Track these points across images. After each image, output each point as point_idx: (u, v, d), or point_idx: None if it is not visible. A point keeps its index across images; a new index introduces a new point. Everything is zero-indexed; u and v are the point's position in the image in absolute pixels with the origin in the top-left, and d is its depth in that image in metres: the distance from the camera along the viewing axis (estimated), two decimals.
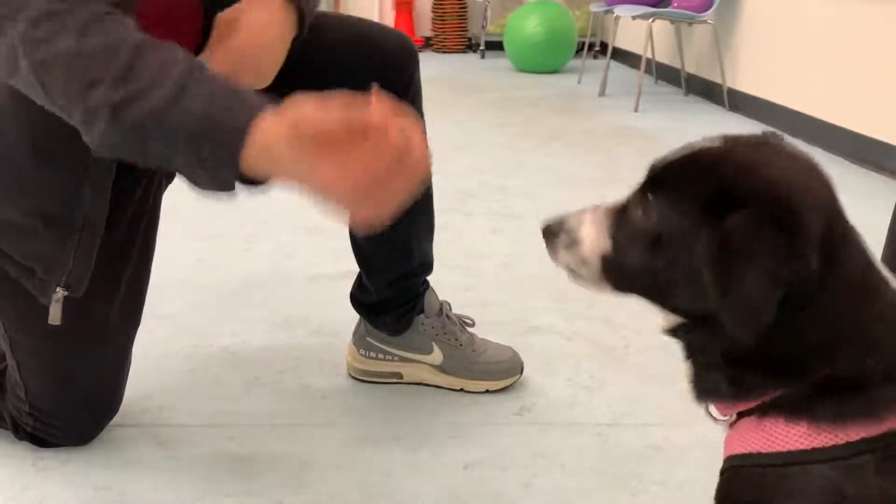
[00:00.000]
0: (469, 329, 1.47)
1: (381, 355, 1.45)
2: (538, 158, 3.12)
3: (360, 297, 1.44)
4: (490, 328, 1.52)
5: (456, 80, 5.02)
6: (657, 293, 0.67)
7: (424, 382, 1.44)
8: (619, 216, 0.69)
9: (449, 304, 1.48)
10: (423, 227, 1.38)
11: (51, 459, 1.22)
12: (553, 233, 0.72)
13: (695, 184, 0.63)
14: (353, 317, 1.48)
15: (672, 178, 0.65)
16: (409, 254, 1.36)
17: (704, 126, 3.76)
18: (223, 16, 1.04)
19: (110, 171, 1.07)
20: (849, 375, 0.61)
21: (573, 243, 0.70)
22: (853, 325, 0.61)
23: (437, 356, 1.43)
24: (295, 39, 1.08)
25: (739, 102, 4.03)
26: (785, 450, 0.61)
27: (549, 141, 3.42)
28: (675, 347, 1.56)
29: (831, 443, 0.60)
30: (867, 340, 0.61)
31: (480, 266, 2.03)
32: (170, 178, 1.29)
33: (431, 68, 5.78)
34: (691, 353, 0.69)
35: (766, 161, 0.63)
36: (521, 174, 2.89)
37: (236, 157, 0.78)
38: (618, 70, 5.09)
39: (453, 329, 1.44)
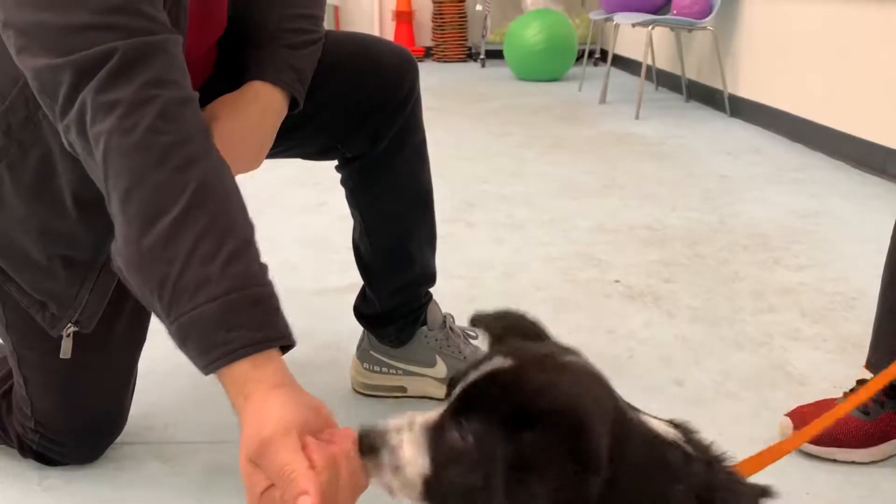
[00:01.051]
0: (472, 342, 1.47)
1: (385, 369, 1.45)
2: (540, 167, 3.13)
3: (363, 310, 1.44)
4: None
5: (457, 90, 5.04)
6: None
7: (429, 396, 1.44)
8: (436, 436, 0.71)
9: (452, 317, 1.48)
10: (424, 237, 1.38)
11: (56, 478, 1.22)
12: (373, 448, 0.72)
13: (497, 404, 0.67)
14: (357, 331, 1.48)
15: (477, 401, 0.69)
16: (410, 262, 1.37)
17: (706, 132, 3.76)
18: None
19: None
20: None
21: (396, 466, 0.71)
22: (649, 498, 0.66)
23: (440, 369, 1.43)
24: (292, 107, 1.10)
25: (740, 108, 4.04)
26: None
27: (551, 149, 3.42)
28: (679, 357, 1.54)
29: None
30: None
31: (483, 276, 2.03)
32: None
33: (432, 78, 5.81)
34: None
35: (553, 378, 0.68)
36: (523, 182, 2.90)
37: (210, 371, 0.78)
38: (618, 77, 5.11)
39: (457, 342, 1.45)
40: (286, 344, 0.80)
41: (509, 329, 0.77)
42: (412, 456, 0.71)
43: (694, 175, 2.98)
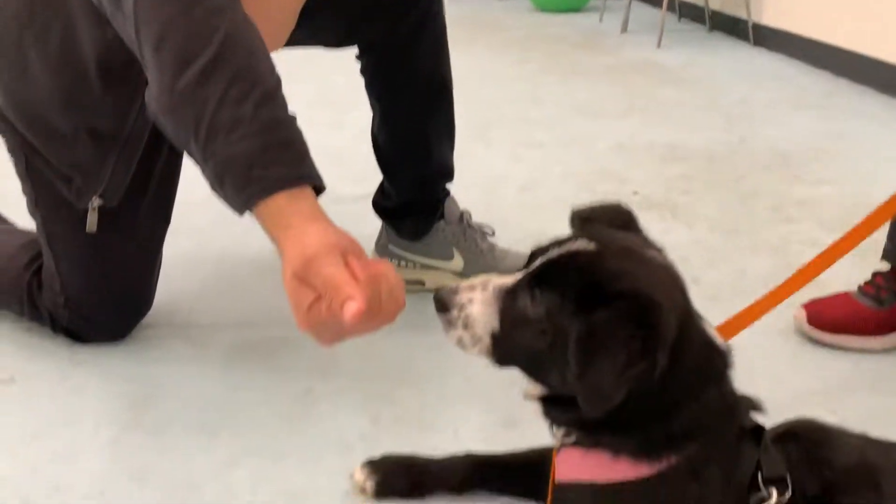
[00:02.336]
0: (489, 238, 1.49)
1: (403, 263, 1.48)
2: (559, 92, 3.10)
3: (381, 203, 1.46)
4: (511, 245, 1.53)
5: (476, 20, 4.95)
6: (535, 370, 0.78)
7: None
8: (508, 300, 0.77)
9: (469, 213, 1.50)
10: (443, 130, 1.39)
11: (87, 353, 1.26)
12: (446, 307, 0.78)
13: (574, 281, 0.72)
14: (375, 232, 1.50)
15: (555, 276, 0.74)
16: (429, 156, 1.38)
17: (729, 60, 3.70)
18: None
19: None
20: (678, 433, 0.74)
21: (467, 322, 0.77)
22: (690, 403, 0.73)
23: (458, 262, 1.46)
24: None
25: (764, 36, 3.95)
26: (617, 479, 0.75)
27: (571, 75, 3.38)
28: (695, 259, 1.54)
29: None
30: (700, 416, 0.74)
31: (500, 189, 2.04)
32: None
33: (452, 8, 5.67)
34: (548, 413, 0.80)
35: (632, 265, 0.73)
36: (542, 106, 2.87)
37: (247, 207, 0.81)
38: (640, 9, 5.00)
39: (474, 236, 1.46)
40: (318, 185, 0.82)
41: (598, 215, 0.82)
42: (482, 314, 0.77)
43: (715, 100, 2.94)
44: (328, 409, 1.15)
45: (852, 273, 1.42)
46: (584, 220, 0.83)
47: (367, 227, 1.50)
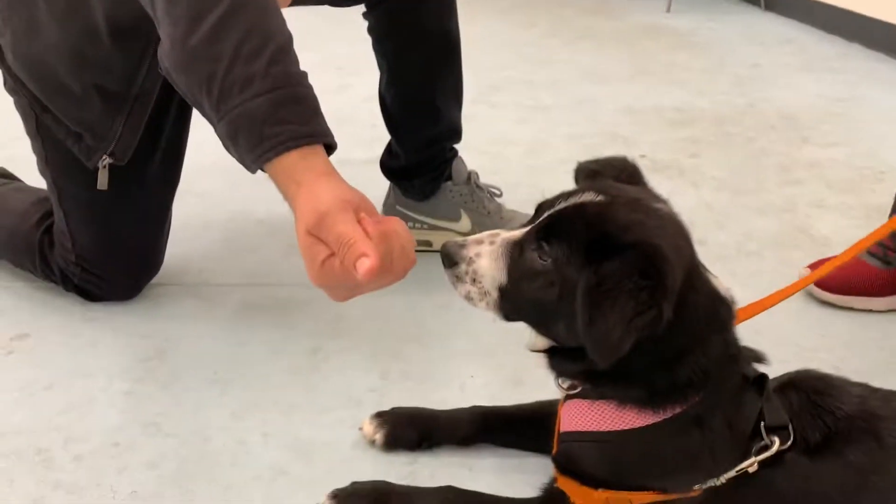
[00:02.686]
0: (497, 199, 1.49)
1: (410, 223, 1.48)
2: (566, 55, 3.07)
3: (389, 163, 1.46)
4: (518, 207, 1.54)
5: None
6: (542, 322, 0.79)
7: None
8: (516, 253, 0.77)
9: (477, 174, 1.50)
10: (450, 89, 1.39)
11: (99, 311, 1.28)
12: (453, 261, 0.79)
13: (582, 233, 0.73)
14: (382, 194, 1.51)
15: (564, 228, 0.74)
16: (436, 116, 1.37)
17: (739, 24, 3.65)
18: None
19: None
20: (682, 382, 0.75)
21: (475, 275, 0.77)
22: (695, 352, 0.74)
23: (465, 223, 1.46)
24: None
25: (776, 1, 3.90)
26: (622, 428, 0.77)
27: (578, 39, 3.35)
28: (702, 220, 1.53)
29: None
30: (704, 365, 0.74)
31: (507, 152, 2.03)
32: None
33: None
34: (554, 366, 0.81)
35: (640, 217, 0.73)
36: (548, 70, 2.85)
37: (260, 164, 0.80)
38: None
39: (481, 197, 1.47)
40: (330, 143, 0.83)
41: (605, 168, 0.83)
42: (490, 268, 0.77)
43: (725, 64, 2.91)
44: (337, 365, 1.16)
45: (858, 235, 1.42)
46: (590, 173, 0.83)
47: (375, 189, 1.50)
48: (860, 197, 1.74)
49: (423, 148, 1.41)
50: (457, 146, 1.47)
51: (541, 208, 0.79)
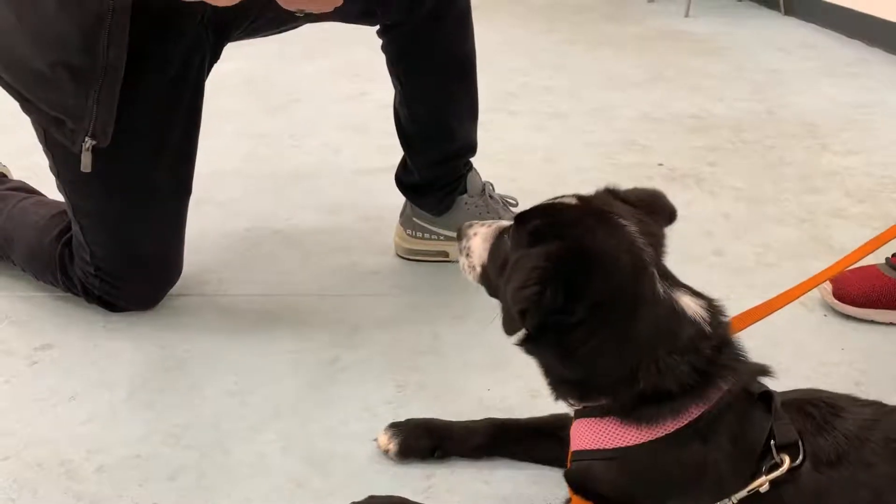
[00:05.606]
0: (512, 209, 1.49)
1: (427, 235, 1.49)
2: (584, 61, 3.07)
3: (403, 179, 1.47)
4: None
5: None
6: (498, 299, 0.84)
7: None
8: (499, 237, 0.87)
9: (492, 185, 1.50)
10: (465, 108, 1.39)
11: (119, 322, 1.30)
12: (460, 236, 0.92)
13: (535, 223, 0.80)
14: (399, 203, 1.52)
15: (528, 218, 0.82)
16: (451, 136, 1.38)
17: (759, 29, 3.63)
18: None
19: (125, 17, 1.09)
20: (654, 391, 0.76)
21: (468, 251, 0.90)
22: (650, 367, 0.76)
23: None
24: None
25: (796, 5, 3.86)
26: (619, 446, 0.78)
27: (596, 46, 3.34)
28: (720, 231, 1.51)
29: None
30: (663, 370, 0.75)
31: (524, 160, 2.03)
32: (213, 58, 1.31)
33: None
34: (540, 367, 0.86)
35: (587, 222, 0.79)
36: (566, 76, 2.85)
37: None
38: None
39: (496, 208, 1.47)
40: None
41: (631, 196, 0.86)
42: (478, 246, 0.89)
43: (744, 69, 2.89)
44: (354, 376, 1.17)
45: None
46: (616, 195, 0.85)
47: (393, 198, 1.51)
48: (880, 207, 1.72)
49: (437, 165, 1.42)
50: (472, 158, 1.47)
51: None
